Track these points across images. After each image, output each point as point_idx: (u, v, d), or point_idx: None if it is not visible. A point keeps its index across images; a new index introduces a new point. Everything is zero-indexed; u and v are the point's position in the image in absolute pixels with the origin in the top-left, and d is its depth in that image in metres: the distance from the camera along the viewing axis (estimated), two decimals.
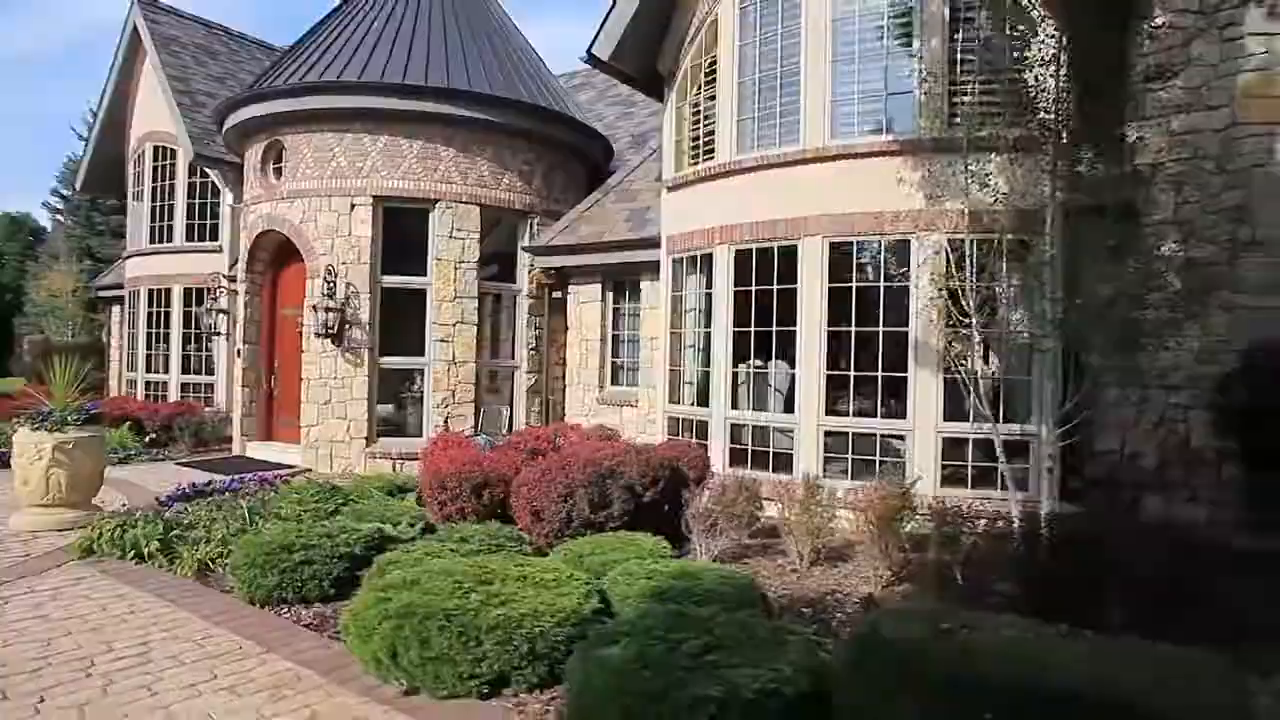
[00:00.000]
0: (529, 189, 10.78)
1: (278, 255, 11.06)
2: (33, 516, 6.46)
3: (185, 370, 14.56)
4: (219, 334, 11.40)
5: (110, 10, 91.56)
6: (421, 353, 10.16)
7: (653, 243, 9.57)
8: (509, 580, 3.96)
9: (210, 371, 14.51)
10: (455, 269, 10.16)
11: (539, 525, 5.70)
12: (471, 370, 10.26)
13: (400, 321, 10.17)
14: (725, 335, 8.43)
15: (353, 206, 9.96)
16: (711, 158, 8.76)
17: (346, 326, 9.78)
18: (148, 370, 15.00)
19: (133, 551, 5.54)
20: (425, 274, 10.17)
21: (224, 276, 14.43)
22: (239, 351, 11.05)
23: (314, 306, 9.63)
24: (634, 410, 10.04)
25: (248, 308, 11.05)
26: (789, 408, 8.05)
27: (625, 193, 10.60)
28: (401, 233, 10.21)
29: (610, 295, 10.48)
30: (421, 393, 10.19)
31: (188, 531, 5.86)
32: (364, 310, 9.90)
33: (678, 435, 9.12)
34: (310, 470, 9.84)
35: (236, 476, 8.49)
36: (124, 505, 7.33)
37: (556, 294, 10.93)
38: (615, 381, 10.52)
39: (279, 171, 10.66)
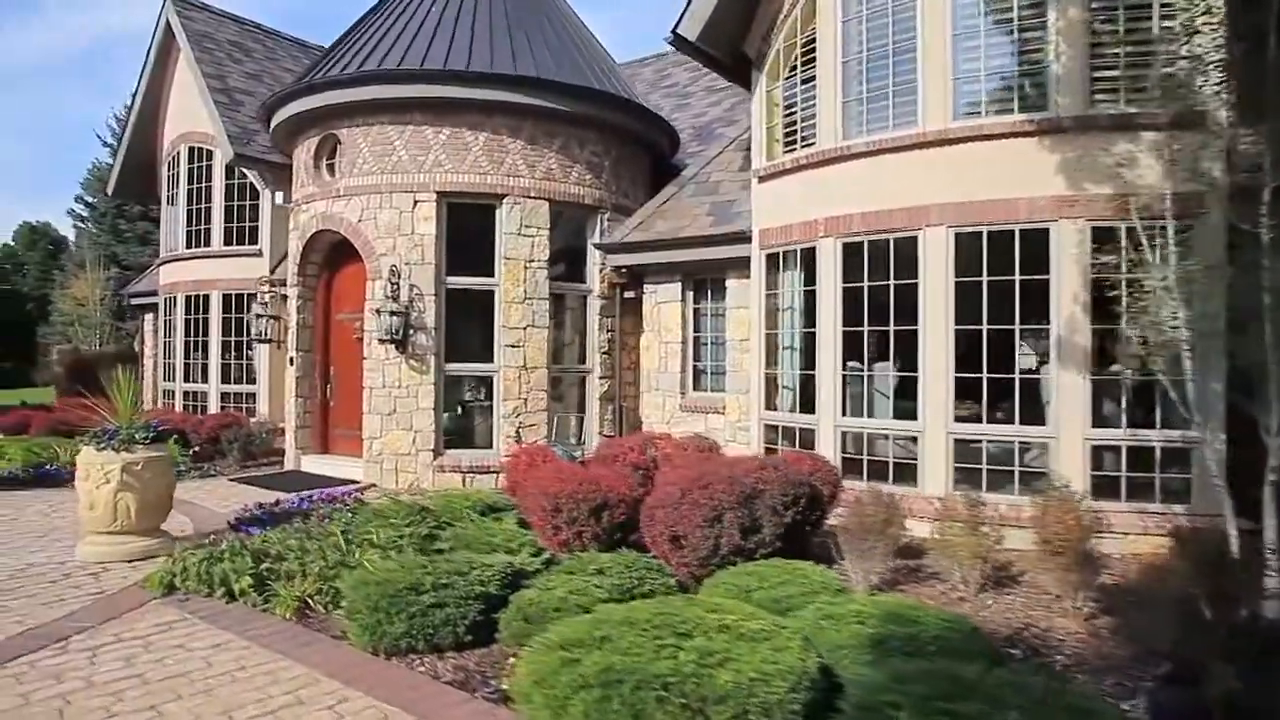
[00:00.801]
0: (598, 182, 10.11)
1: (331, 256, 10.42)
2: (100, 546, 5.82)
3: (225, 379, 13.98)
4: (268, 340, 10.77)
5: (125, 16, 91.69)
6: (489, 359, 9.50)
7: (741, 237, 8.90)
8: (710, 632, 3.28)
9: (251, 380, 13.92)
10: (525, 268, 9.50)
11: (679, 553, 5.01)
12: (544, 376, 9.59)
13: (466, 325, 9.53)
14: (834, 335, 7.74)
15: (415, 203, 9.31)
16: (812, 144, 8.08)
17: (411, 331, 9.12)
18: (186, 380, 14.42)
19: (222, 588, 4.88)
20: (493, 274, 9.51)
21: (267, 281, 13.87)
22: (291, 359, 10.42)
23: (377, 310, 8.98)
24: (721, 417, 9.34)
25: (300, 313, 10.42)
26: (910, 413, 7.35)
27: (704, 185, 9.92)
28: (466, 231, 9.57)
29: (690, 294, 9.79)
30: (489, 401, 9.53)
31: (278, 563, 5.19)
32: (429, 313, 9.25)
33: (775, 445, 8.46)
34: (374, 485, 9.19)
35: (304, 495, 7.83)
36: (201, 532, 6.70)
37: (629, 294, 10.26)
38: (697, 387, 9.83)
39: (332, 168, 10.03)
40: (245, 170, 13.67)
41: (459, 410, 9.73)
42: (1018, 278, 6.84)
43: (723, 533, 4.93)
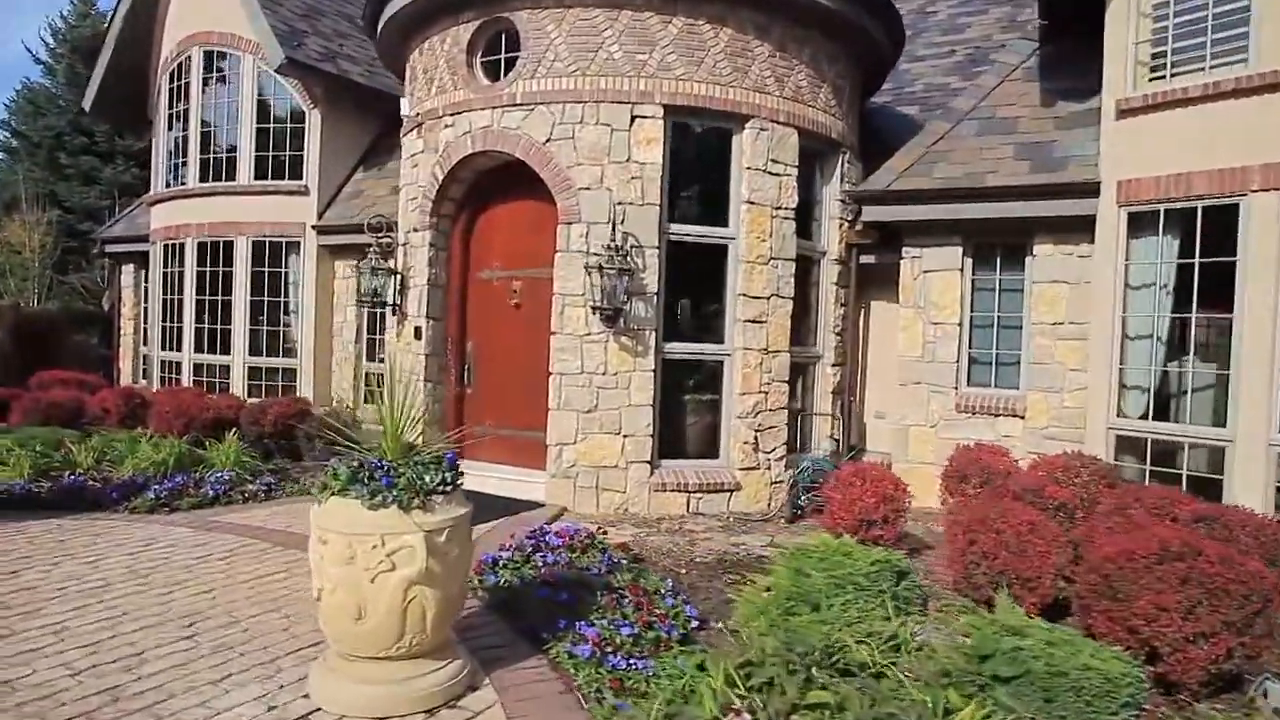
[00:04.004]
0: (840, 111, 7.71)
1: (474, 192, 7.66)
2: (371, 685, 3.17)
3: (255, 351, 10.97)
4: (385, 305, 7.89)
5: None
6: (718, 338, 7.05)
7: (1076, 189, 6.73)
8: None
9: (290, 353, 10.98)
10: (771, 218, 7.04)
11: None
12: (785, 363, 7.21)
13: (684, 292, 7.03)
14: (1272, 324, 5.70)
15: (633, 119, 6.69)
16: (1234, 63, 5.94)
17: (626, 298, 6.57)
18: (197, 349, 11.27)
19: None
20: (726, 224, 7.03)
21: (312, 227, 10.96)
22: (418, 330, 7.63)
23: (600, 267, 6.35)
24: (1018, 422, 7.18)
25: (432, 267, 7.62)
26: None
27: (992, 122, 7.62)
28: (691, 162, 7.05)
29: (969, 262, 7.54)
30: (714, 395, 7.07)
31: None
32: (648, 274, 6.70)
33: (1121, 461, 6.43)
34: (565, 510, 6.66)
35: (524, 539, 5.23)
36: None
37: (866, 257, 7.95)
38: (970, 381, 7.62)
39: (493, 68, 7.25)
40: (287, 82, 10.58)
41: (662, 406, 7.22)
42: None
43: None
